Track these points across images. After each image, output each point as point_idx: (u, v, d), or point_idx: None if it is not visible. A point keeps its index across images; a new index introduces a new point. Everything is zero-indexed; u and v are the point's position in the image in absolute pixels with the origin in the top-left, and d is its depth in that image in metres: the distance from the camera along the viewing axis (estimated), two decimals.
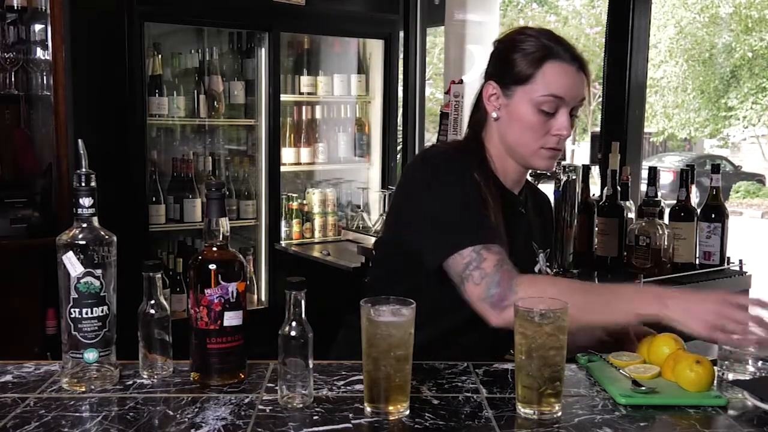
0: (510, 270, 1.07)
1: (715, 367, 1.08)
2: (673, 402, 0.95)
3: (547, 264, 1.28)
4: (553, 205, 2.02)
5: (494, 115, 1.20)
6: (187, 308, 1.02)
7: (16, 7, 2.56)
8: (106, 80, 2.72)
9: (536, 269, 1.26)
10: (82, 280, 0.96)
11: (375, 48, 3.31)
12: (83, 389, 0.98)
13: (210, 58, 3.04)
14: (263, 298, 3.11)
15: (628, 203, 2.17)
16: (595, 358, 1.09)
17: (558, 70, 1.15)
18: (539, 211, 1.34)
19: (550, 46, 1.15)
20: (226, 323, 0.98)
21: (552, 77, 1.14)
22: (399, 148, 3.49)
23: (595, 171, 2.37)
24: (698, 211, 2.10)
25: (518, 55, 1.16)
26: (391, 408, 0.90)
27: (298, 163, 3.20)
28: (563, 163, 2.00)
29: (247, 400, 0.95)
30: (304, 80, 3.19)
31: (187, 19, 2.84)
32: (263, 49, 2.97)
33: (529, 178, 1.33)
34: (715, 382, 1.02)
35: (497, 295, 1.04)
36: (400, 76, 3.39)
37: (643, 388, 0.98)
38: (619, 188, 2.16)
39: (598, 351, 1.11)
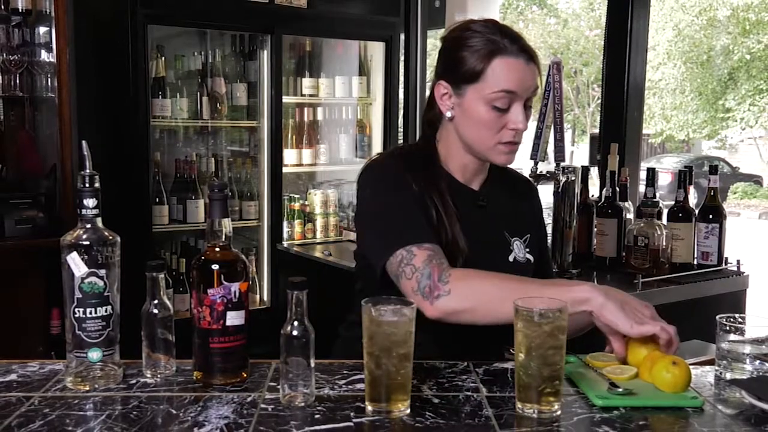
0: (441, 263, 1.08)
1: (714, 367, 1.09)
2: (650, 403, 0.95)
3: (527, 250, 1.27)
4: (553, 204, 2.04)
5: (448, 114, 1.20)
6: (190, 308, 1.02)
7: (20, 10, 2.57)
8: (109, 82, 2.73)
9: (510, 258, 1.24)
10: (86, 280, 0.97)
11: (376, 50, 3.32)
12: (87, 388, 0.98)
13: (213, 61, 3.05)
14: (265, 298, 3.11)
15: (626, 204, 2.18)
16: (573, 359, 1.09)
17: (506, 65, 1.14)
18: (516, 199, 1.32)
19: (496, 41, 1.14)
20: (228, 323, 0.99)
21: (501, 73, 1.14)
22: None
23: (594, 172, 2.39)
24: (696, 211, 2.11)
25: (465, 53, 1.15)
26: (392, 407, 0.91)
27: (300, 165, 3.21)
28: (562, 164, 2.01)
29: (249, 399, 0.95)
30: (306, 82, 3.20)
31: (190, 21, 2.86)
32: (265, 52, 2.98)
33: (514, 167, 1.32)
34: (713, 381, 1.02)
35: (428, 287, 1.06)
36: (401, 78, 3.40)
37: (620, 389, 0.97)
38: (617, 189, 2.17)
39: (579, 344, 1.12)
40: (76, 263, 0.96)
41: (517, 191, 1.34)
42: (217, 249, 1.01)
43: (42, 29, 2.65)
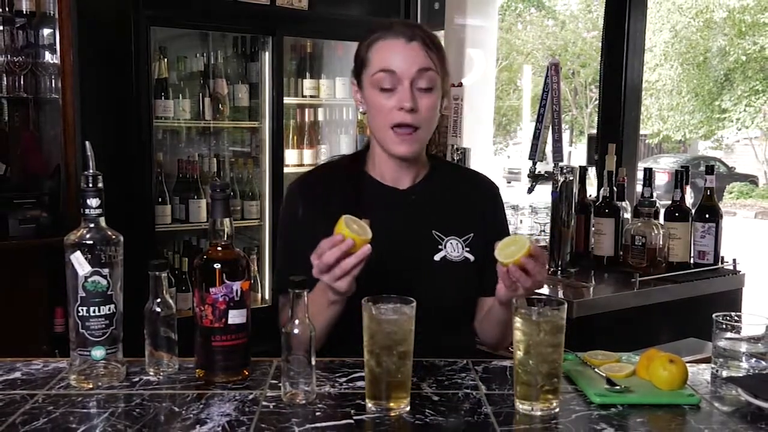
0: None
1: (710, 365, 1.09)
2: (647, 401, 0.95)
3: (468, 249, 1.24)
4: (551, 204, 2.04)
5: (360, 109, 1.25)
6: (193, 306, 1.03)
7: (25, 12, 2.59)
8: (113, 83, 2.75)
9: (437, 257, 1.23)
10: (89, 279, 0.98)
11: None
12: (91, 386, 0.99)
13: (215, 62, 3.06)
14: (267, 297, 3.13)
15: (624, 204, 2.19)
16: (571, 356, 1.09)
17: (384, 46, 1.18)
18: (459, 198, 1.30)
19: (380, 29, 1.20)
20: (230, 321, 1.00)
21: (380, 54, 1.18)
22: None
23: (592, 172, 2.40)
24: (693, 211, 2.12)
25: (360, 48, 1.23)
26: (392, 404, 0.92)
27: (301, 165, 3.22)
28: (560, 164, 2.02)
29: (251, 397, 0.96)
30: (307, 83, 3.21)
31: (192, 23, 2.87)
32: (267, 53, 2.99)
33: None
34: (710, 378, 1.03)
35: None
36: None
37: (618, 387, 0.98)
38: (615, 189, 2.18)
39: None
40: (79, 262, 0.97)
41: (463, 190, 1.31)
42: (219, 248, 1.02)
43: (46, 31, 2.67)
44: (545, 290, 1.94)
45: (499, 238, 1.24)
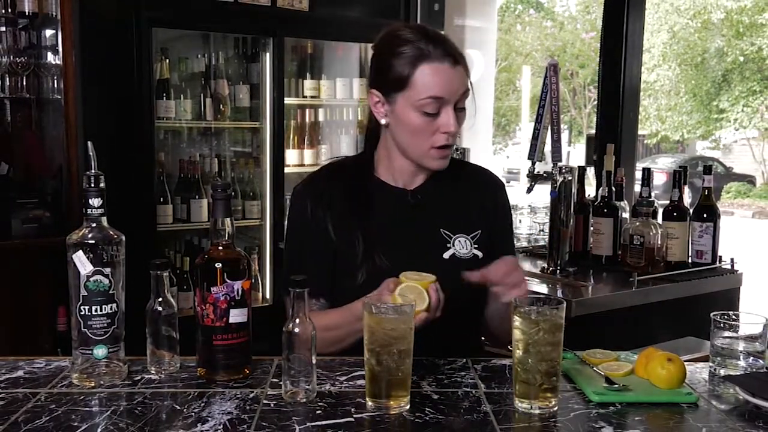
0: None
1: (708, 363, 1.10)
2: (646, 399, 0.96)
3: (476, 246, 1.26)
4: (550, 203, 2.04)
5: (383, 121, 1.23)
6: (194, 306, 1.04)
7: (27, 13, 2.60)
8: (114, 84, 2.75)
9: (446, 255, 1.24)
10: (91, 279, 0.98)
11: None
12: (93, 384, 1.00)
13: (216, 63, 3.07)
14: (267, 296, 3.14)
15: (622, 203, 2.20)
16: (570, 355, 1.10)
17: (431, 71, 1.15)
18: (465, 196, 1.31)
19: (420, 48, 1.15)
20: (231, 320, 1.01)
21: (427, 79, 1.15)
22: None
23: (591, 172, 2.40)
24: (691, 211, 2.13)
25: (393, 61, 1.17)
26: (392, 402, 0.92)
27: (302, 165, 3.23)
28: (559, 164, 2.02)
29: (252, 395, 0.97)
30: (308, 84, 3.22)
31: (193, 24, 2.88)
32: (268, 54, 3.00)
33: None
34: (708, 377, 1.04)
35: None
36: None
37: (616, 385, 0.99)
38: (613, 189, 2.19)
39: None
40: (81, 262, 0.98)
41: (468, 187, 1.31)
42: (221, 248, 1.02)
43: (48, 32, 2.67)
44: (544, 289, 1.95)
45: (506, 232, 1.27)
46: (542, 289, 1.95)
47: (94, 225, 1.00)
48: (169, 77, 2.90)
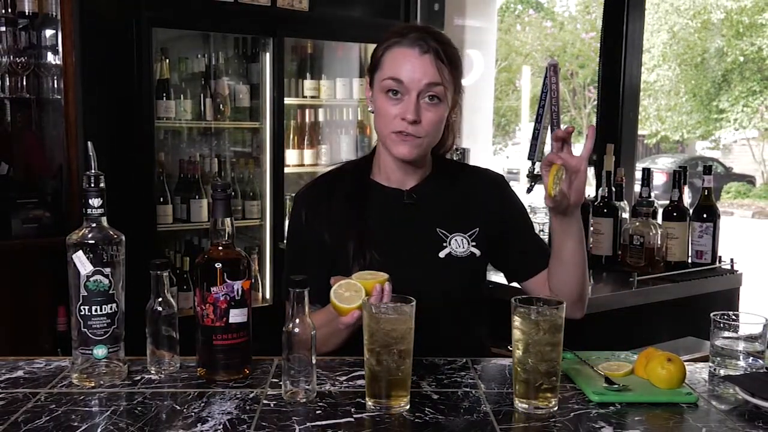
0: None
1: (708, 363, 1.10)
2: (645, 399, 0.96)
3: (474, 244, 1.25)
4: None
5: (370, 109, 1.27)
6: (194, 306, 1.04)
7: (27, 13, 2.60)
8: (114, 84, 2.75)
9: (442, 254, 1.24)
10: (91, 279, 0.98)
11: None
12: (93, 384, 1.00)
13: (216, 63, 3.07)
14: (267, 296, 3.14)
15: (622, 203, 2.20)
16: (569, 355, 1.10)
17: (398, 54, 1.19)
18: (463, 195, 1.30)
19: (397, 34, 1.20)
20: (231, 320, 1.01)
21: (391, 60, 1.19)
22: None
23: (591, 172, 2.39)
24: (690, 211, 2.13)
25: (376, 49, 1.24)
26: (392, 402, 0.92)
27: (302, 165, 3.23)
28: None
29: (252, 395, 0.97)
30: (308, 84, 3.22)
31: (193, 24, 2.88)
32: (268, 54, 3.00)
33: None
34: (707, 377, 1.04)
35: None
36: None
37: (616, 385, 0.99)
38: (613, 189, 2.19)
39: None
40: (81, 262, 0.98)
41: (466, 187, 1.31)
42: (221, 248, 1.02)
43: (48, 32, 2.67)
44: None
45: (519, 222, 1.29)
46: None
47: (94, 225, 1.00)
48: (169, 77, 2.90)
